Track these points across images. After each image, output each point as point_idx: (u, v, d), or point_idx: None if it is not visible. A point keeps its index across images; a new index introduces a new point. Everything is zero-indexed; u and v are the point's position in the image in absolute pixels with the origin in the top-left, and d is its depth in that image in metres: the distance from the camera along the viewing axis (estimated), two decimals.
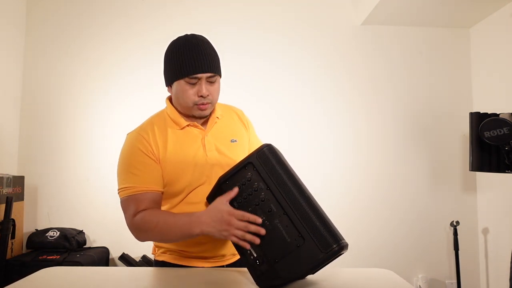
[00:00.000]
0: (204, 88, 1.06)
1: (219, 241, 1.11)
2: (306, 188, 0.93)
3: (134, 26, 2.65)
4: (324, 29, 2.74)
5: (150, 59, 2.59)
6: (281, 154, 0.99)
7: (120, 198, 1.07)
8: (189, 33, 1.12)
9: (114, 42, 2.63)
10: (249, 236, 0.90)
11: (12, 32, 2.51)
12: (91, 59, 2.61)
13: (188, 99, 1.07)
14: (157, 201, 1.08)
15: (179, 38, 1.11)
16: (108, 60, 2.62)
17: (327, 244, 0.82)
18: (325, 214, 0.88)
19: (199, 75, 1.05)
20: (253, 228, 0.90)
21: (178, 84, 1.08)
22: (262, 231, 0.90)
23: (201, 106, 1.08)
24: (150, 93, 2.56)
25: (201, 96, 1.06)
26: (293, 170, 0.96)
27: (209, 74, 1.06)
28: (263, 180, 0.94)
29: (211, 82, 1.08)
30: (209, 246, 1.10)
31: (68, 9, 2.63)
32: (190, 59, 1.05)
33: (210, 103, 1.10)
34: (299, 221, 0.86)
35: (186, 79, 1.05)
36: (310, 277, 0.93)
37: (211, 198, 1.03)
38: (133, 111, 2.53)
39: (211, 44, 1.12)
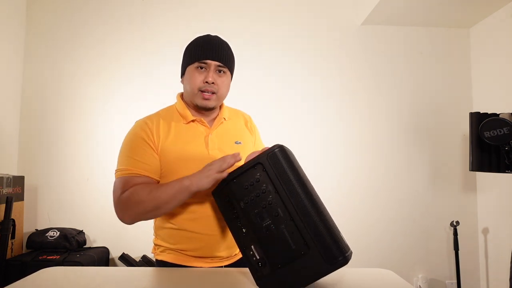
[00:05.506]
0: (211, 75, 1.10)
1: (215, 240, 1.11)
2: (316, 194, 0.90)
3: (136, 23, 2.64)
4: (324, 29, 2.75)
5: (154, 57, 2.60)
6: (293, 155, 0.95)
7: (114, 181, 1.08)
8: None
9: (114, 41, 2.63)
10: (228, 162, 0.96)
11: (12, 31, 2.51)
12: (92, 59, 2.61)
13: (194, 84, 1.11)
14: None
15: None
16: (108, 58, 2.61)
17: (332, 255, 0.80)
18: (333, 222, 0.86)
19: (208, 61, 1.10)
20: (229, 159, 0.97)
21: (189, 70, 1.13)
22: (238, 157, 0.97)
23: (205, 94, 1.11)
24: (152, 93, 2.56)
25: (207, 82, 1.10)
26: (303, 174, 0.92)
27: (218, 63, 1.11)
28: (271, 182, 0.90)
29: (220, 73, 1.13)
30: (203, 243, 1.10)
31: (68, 7, 2.63)
32: (203, 47, 1.12)
33: (214, 93, 1.12)
34: (305, 229, 0.83)
35: (196, 63, 1.11)
36: None
37: (216, 194, 1.01)
38: (134, 111, 2.53)
39: (229, 46, 1.18)
